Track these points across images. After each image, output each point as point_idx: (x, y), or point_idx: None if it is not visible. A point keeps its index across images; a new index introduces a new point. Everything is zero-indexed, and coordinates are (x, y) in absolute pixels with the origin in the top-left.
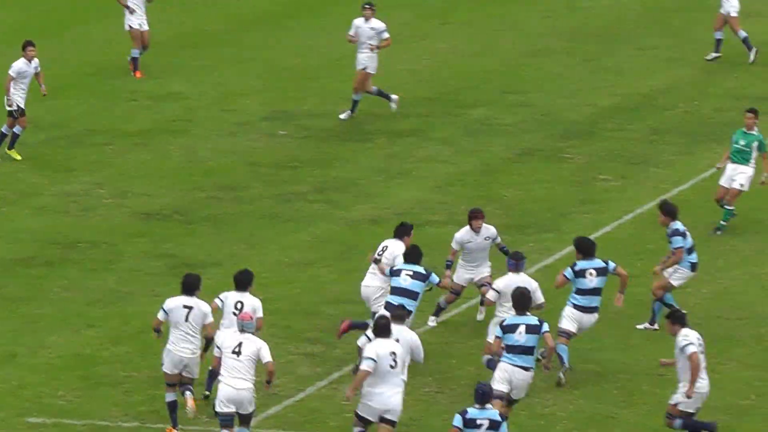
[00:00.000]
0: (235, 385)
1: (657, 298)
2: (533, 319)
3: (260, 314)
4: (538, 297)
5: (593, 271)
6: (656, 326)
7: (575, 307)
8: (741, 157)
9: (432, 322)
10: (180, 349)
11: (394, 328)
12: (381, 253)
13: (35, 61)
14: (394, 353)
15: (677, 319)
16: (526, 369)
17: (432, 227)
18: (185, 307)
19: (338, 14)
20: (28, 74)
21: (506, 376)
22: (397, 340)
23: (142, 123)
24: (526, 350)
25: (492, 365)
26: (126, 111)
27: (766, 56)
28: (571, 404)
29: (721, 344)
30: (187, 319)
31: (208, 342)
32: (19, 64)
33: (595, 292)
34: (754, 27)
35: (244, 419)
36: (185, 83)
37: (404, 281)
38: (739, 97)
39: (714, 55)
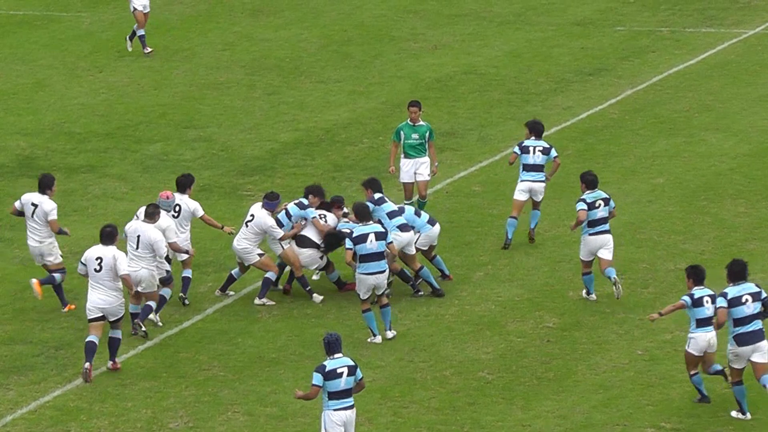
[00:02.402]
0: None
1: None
2: (379, 227)
3: (201, 213)
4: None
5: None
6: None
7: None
8: (417, 150)
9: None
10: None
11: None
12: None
13: None
14: (100, 258)
15: None
16: (382, 272)
17: None
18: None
19: (8, 47)
20: None
21: (369, 285)
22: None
23: None
24: (378, 256)
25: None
26: None
27: (451, 89)
28: None
29: (402, 387)
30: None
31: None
32: None
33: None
34: (441, 59)
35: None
36: None
37: None
38: None
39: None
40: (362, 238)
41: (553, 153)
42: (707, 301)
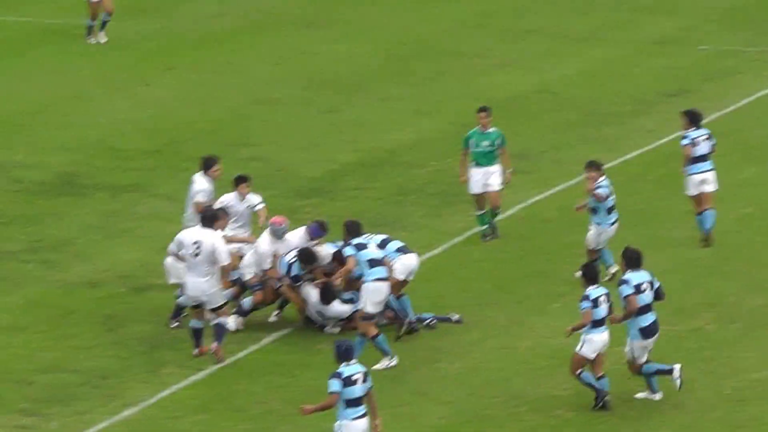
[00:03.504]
0: None
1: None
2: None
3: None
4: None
5: None
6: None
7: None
8: (488, 158)
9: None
10: None
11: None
12: None
13: None
14: (198, 243)
15: None
16: (383, 279)
17: (156, 291)
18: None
19: (47, 57)
20: None
21: (384, 295)
22: None
23: None
24: (382, 261)
25: None
26: None
27: (523, 109)
28: None
29: (474, 424)
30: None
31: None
32: None
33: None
34: (512, 77)
35: None
36: None
37: None
38: None
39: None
40: (363, 246)
41: (713, 140)
42: (602, 301)
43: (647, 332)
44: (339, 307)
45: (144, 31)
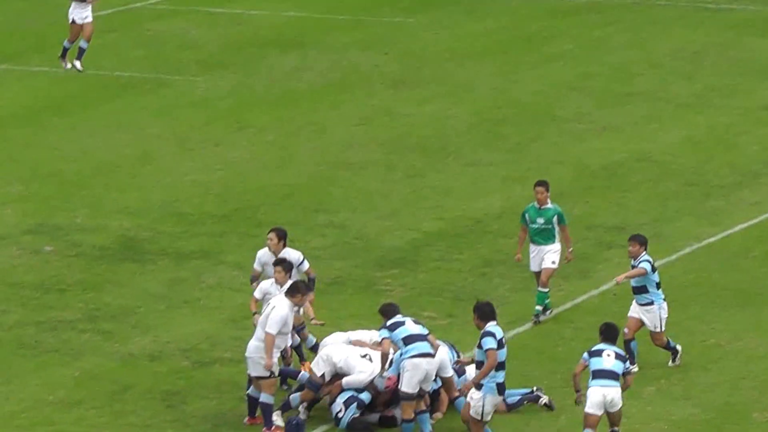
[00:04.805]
0: None
1: None
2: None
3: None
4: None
5: None
6: None
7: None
8: (544, 236)
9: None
10: None
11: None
12: None
13: None
14: (267, 305)
15: None
16: (431, 356)
17: (223, 366)
18: None
19: (112, 113)
20: None
21: (421, 373)
22: None
23: None
24: (423, 337)
25: None
26: None
27: (621, 178)
28: None
29: None
30: None
31: None
32: None
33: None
34: (609, 143)
35: None
36: None
37: None
38: (590, 226)
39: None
40: (398, 324)
41: None
42: (606, 354)
43: (503, 389)
44: None
45: (217, 88)
